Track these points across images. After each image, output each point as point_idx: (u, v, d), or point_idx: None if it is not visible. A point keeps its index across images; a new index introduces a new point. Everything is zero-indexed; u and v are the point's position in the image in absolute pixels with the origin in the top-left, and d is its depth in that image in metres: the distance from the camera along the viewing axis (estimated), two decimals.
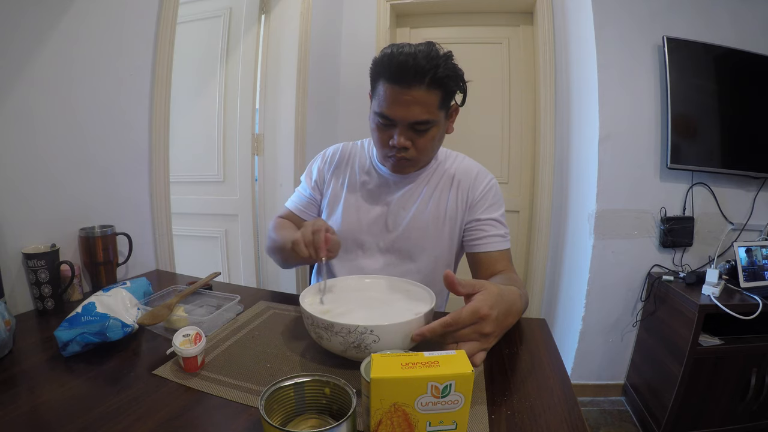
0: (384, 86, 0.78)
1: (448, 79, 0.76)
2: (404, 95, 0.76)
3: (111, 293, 0.72)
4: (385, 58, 0.77)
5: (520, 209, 2.26)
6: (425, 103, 0.77)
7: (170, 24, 1.22)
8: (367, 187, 0.95)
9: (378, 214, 0.93)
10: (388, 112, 0.79)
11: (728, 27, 1.57)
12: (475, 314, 0.55)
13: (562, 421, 0.49)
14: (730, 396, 1.43)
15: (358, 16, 2.21)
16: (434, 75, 0.74)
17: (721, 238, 1.64)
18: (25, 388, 0.57)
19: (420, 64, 0.73)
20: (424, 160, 0.89)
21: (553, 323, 2.00)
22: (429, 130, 0.81)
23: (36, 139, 0.89)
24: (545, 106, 2.00)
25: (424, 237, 0.91)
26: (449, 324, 0.54)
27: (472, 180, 0.93)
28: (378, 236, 0.93)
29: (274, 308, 0.84)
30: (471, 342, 0.55)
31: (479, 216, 0.90)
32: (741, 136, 1.59)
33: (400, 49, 0.76)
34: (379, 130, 0.83)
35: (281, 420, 0.45)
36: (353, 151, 1.00)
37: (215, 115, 1.96)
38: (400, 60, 0.74)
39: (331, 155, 1.01)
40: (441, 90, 0.77)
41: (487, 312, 0.55)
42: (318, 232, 0.73)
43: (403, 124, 0.79)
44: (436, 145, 0.87)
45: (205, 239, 2.06)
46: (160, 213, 1.24)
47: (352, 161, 0.98)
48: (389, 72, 0.76)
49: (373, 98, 0.83)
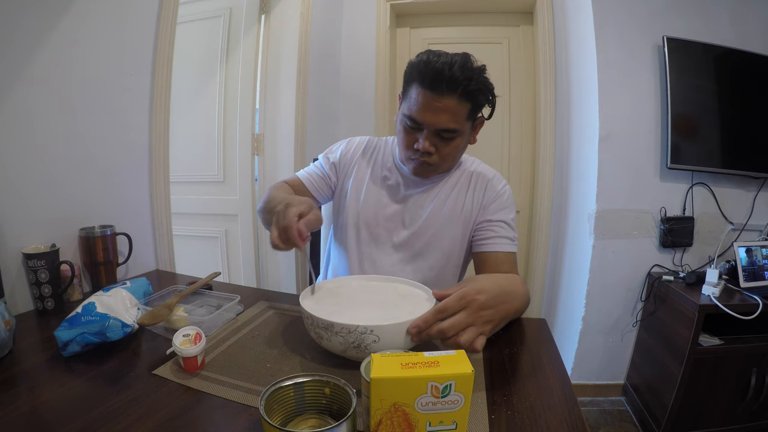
0: (417, 90, 0.79)
1: (479, 92, 0.79)
2: (436, 102, 0.77)
3: (111, 293, 0.72)
4: (421, 63, 0.78)
5: (520, 209, 2.25)
6: (454, 113, 0.79)
7: (170, 24, 1.22)
8: (388, 182, 0.96)
9: (395, 210, 0.94)
10: (417, 116, 0.80)
11: (728, 27, 1.57)
12: (461, 300, 0.57)
13: (562, 421, 0.49)
14: (730, 396, 1.43)
15: (358, 16, 2.21)
16: (467, 87, 0.76)
17: (721, 238, 1.64)
18: (25, 388, 0.57)
19: (455, 75, 0.75)
20: (444, 167, 0.91)
21: (553, 323, 2.00)
22: (454, 139, 0.83)
23: (36, 139, 0.90)
24: (545, 106, 2.00)
25: (438, 236, 0.93)
26: (439, 310, 0.57)
27: (487, 182, 0.95)
28: (393, 232, 0.94)
29: (274, 308, 0.84)
30: (469, 329, 0.57)
31: (490, 217, 0.92)
32: (741, 136, 1.59)
33: (437, 57, 0.77)
34: (405, 132, 0.85)
35: (281, 420, 0.45)
36: (378, 146, 1.02)
37: (215, 115, 1.96)
38: (437, 68, 0.75)
39: (358, 144, 1.02)
40: (471, 102, 0.79)
41: (473, 296, 0.58)
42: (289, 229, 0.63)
43: (431, 129, 0.81)
44: (458, 154, 0.89)
45: (205, 239, 2.06)
46: (160, 213, 1.24)
47: (376, 155, 1.00)
48: (424, 77, 0.77)
49: (403, 100, 0.85)
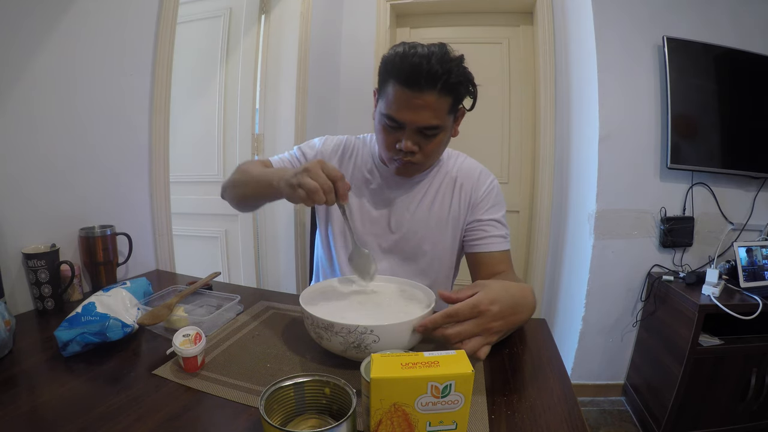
0: (394, 88, 0.74)
1: (459, 85, 0.74)
2: (415, 99, 0.73)
3: (111, 293, 0.72)
4: (397, 57, 0.73)
5: (520, 209, 2.26)
6: (435, 109, 0.74)
7: (170, 24, 1.21)
8: (370, 186, 0.93)
9: (380, 214, 0.92)
10: (397, 115, 0.76)
11: (728, 27, 1.57)
12: (474, 308, 0.56)
13: (562, 421, 0.49)
14: (730, 396, 1.43)
15: (358, 16, 2.21)
16: (447, 80, 0.72)
17: (721, 238, 1.64)
18: (25, 388, 0.57)
19: (434, 69, 0.70)
20: (429, 164, 0.88)
21: (553, 323, 2.00)
22: (437, 135, 0.79)
23: (36, 139, 0.89)
24: (545, 106, 2.00)
25: (426, 238, 0.91)
26: (449, 315, 0.55)
27: (474, 181, 0.92)
28: (380, 237, 0.92)
29: (274, 308, 0.84)
30: (475, 338, 0.56)
31: (480, 216, 0.90)
32: (741, 136, 1.59)
33: (413, 49, 0.72)
34: (385, 132, 0.80)
35: (281, 420, 0.45)
36: (356, 146, 0.97)
37: (215, 115, 1.96)
38: (414, 62, 0.70)
39: (335, 144, 0.97)
40: (452, 96, 0.75)
41: (487, 307, 0.56)
42: (340, 180, 0.63)
43: (412, 128, 0.76)
44: (442, 150, 0.85)
45: (205, 239, 2.06)
46: (160, 213, 1.24)
47: (355, 157, 0.95)
48: (401, 73, 0.72)
49: (380, 97, 0.80)
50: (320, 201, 0.62)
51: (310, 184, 0.62)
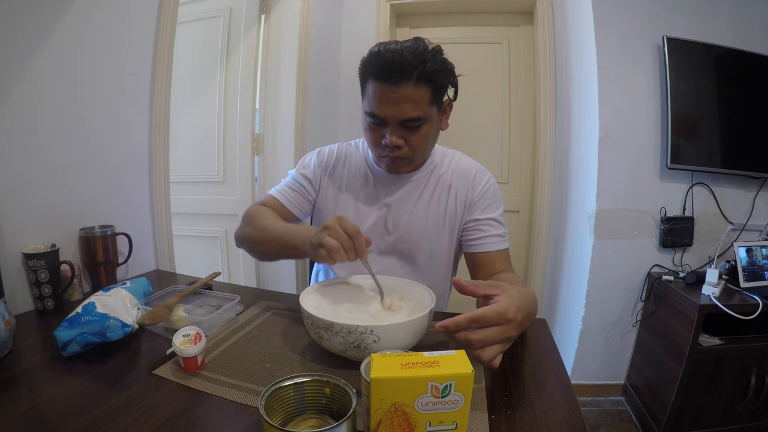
0: (372, 85, 0.77)
1: (437, 73, 0.75)
2: (392, 93, 0.75)
3: (111, 293, 0.72)
4: (371, 56, 0.76)
5: (520, 209, 2.26)
6: (415, 100, 0.75)
7: (170, 24, 1.22)
8: (365, 189, 0.93)
9: (377, 216, 0.92)
10: (377, 111, 0.78)
11: (728, 27, 1.57)
12: (501, 316, 0.53)
13: (562, 421, 0.49)
14: (730, 396, 1.43)
15: (358, 16, 2.21)
16: (422, 70, 0.73)
17: (721, 238, 1.64)
18: (25, 388, 0.57)
19: (406, 60, 0.72)
20: (419, 158, 0.88)
21: (553, 323, 2.00)
22: (421, 126, 0.79)
23: (36, 139, 0.90)
24: (545, 106, 2.00)
25: (424, 238, 0.91)
26: (474, 320, 0.53)
27: (470, 180, 0.92)
28: (378, 239, 0.92)
29: (274, 308, 0.84)
30: (495, 346, 0.53)
31: (478, 216, 0.90)
32: (741, 136, 1.59)
33: (386, 46, 0.75)
34: (371, 130, 0.82)
35: (281, 420, 0.45)
36: (348, 152, 0.98)
37: (215, 115, 1.96)
38: (386, 57, 0.73)
39: (327, 156, 0.97)
40: (430, 85, 0.76)
41: (514, 315, 0.54)
42: (357, 236, 0.66)
43: (394, 122, 0.78)
44: (430, 143, 0.85)
45: (205, 239, 2.06)
46: (160, 213, 1.24)
47: (347, 163, 0.96)
48: (376, 70, 0.75)
49: (363, 98, 0.82)
50: (342, 259, 0.64)
51: (330, 243, 0.64)
